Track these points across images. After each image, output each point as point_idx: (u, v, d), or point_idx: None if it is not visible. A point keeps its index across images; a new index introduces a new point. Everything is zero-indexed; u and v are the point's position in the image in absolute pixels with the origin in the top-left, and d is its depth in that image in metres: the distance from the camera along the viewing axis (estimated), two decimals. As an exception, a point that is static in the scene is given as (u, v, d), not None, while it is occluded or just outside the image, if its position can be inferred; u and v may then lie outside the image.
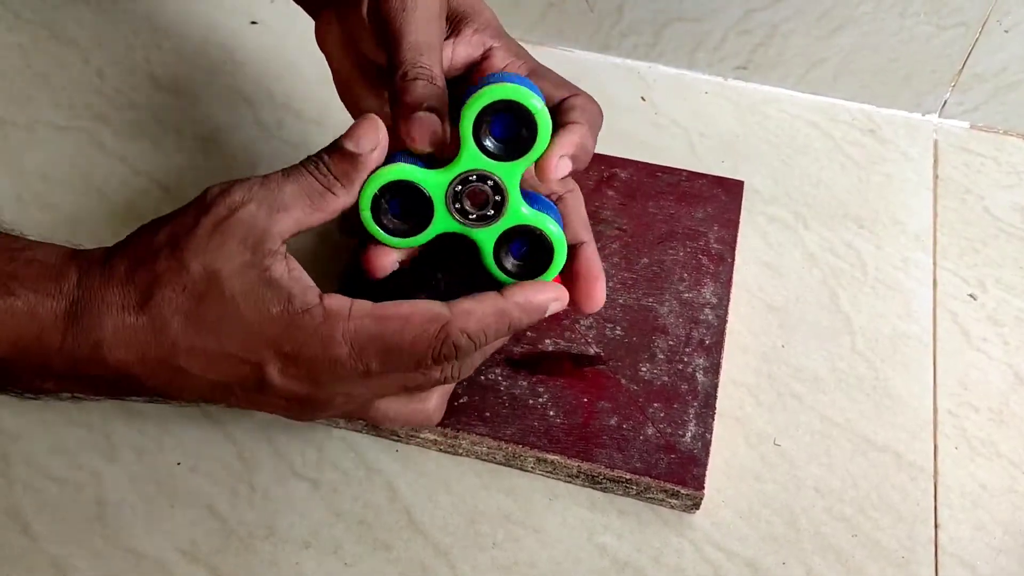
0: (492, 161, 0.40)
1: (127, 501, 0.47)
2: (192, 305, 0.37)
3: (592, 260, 0.43)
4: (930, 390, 0.52)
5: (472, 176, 0.40)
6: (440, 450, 0.49)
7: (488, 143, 0.40)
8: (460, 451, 0.49)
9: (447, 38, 0.45)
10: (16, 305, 0.37)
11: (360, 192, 0.39)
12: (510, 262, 0.42)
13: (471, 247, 0.42)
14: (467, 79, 0.46)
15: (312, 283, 0.38)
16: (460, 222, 0.41)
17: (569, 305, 0.42)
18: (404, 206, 0.41)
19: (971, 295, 0.56)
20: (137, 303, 0.37)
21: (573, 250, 0.43)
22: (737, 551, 0.46)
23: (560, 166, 0.40)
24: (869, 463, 0.49)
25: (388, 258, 0.42)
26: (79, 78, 0.66)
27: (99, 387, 0.40)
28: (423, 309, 0.37)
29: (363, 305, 0.38)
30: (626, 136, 0.63)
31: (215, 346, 0.37)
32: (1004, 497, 0.48)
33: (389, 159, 0.40)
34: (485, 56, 0.46)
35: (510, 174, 0.40)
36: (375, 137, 0.39)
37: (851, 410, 0.51)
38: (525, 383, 0.49)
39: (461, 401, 0.48)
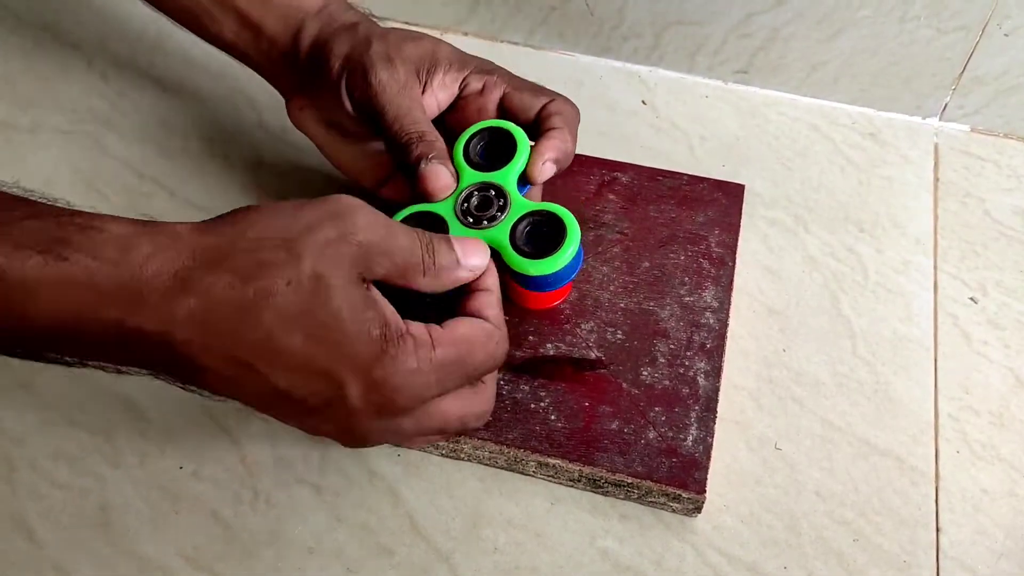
0: (487, 173, 0.47)
1: (131, 506, 0.48)
2: (293, 302, 0.36)
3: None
4: (931, 394, 0.52)
5: (474, 191, 0.46)
6: (442, 455, 0.49)
7: (479, 161, 0.48)
8: (462, 456, 0.49)
9: (423, 91, 0.49)
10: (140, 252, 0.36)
11: None
12: (527, 245, 0.45)
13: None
14: (457, 112, 0.50)
15: (393, 309, 0.39)
16: (475, 229, 0.45)
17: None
18: None
19: (972, 298, 0.56)
20: (238, 280, 0.36)
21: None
22: (738, 555, 0.46)
23: (544, 170, 0.47)
24: (870, 467, 0.49)
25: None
26: (82, 81, 0.66)
27: (147, 358, 0.38)
28: (480, 327, 0.40)
29: (439, 331, 0.39)
30: (627, 140, 0.63)
31: (302, 353, 0.36)
32: (1005, 501, 0.48)
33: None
34: (463, 87, 0.50)
35: (505, 178, 0.47)
36: (482, 263, 0.43)
37: (852, 414, 0.51)
38: (527, 387, 0.49)
39: (463, 406, 0.48)
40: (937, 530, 0.47)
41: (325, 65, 0.49)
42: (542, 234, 0.45)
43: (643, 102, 0.66)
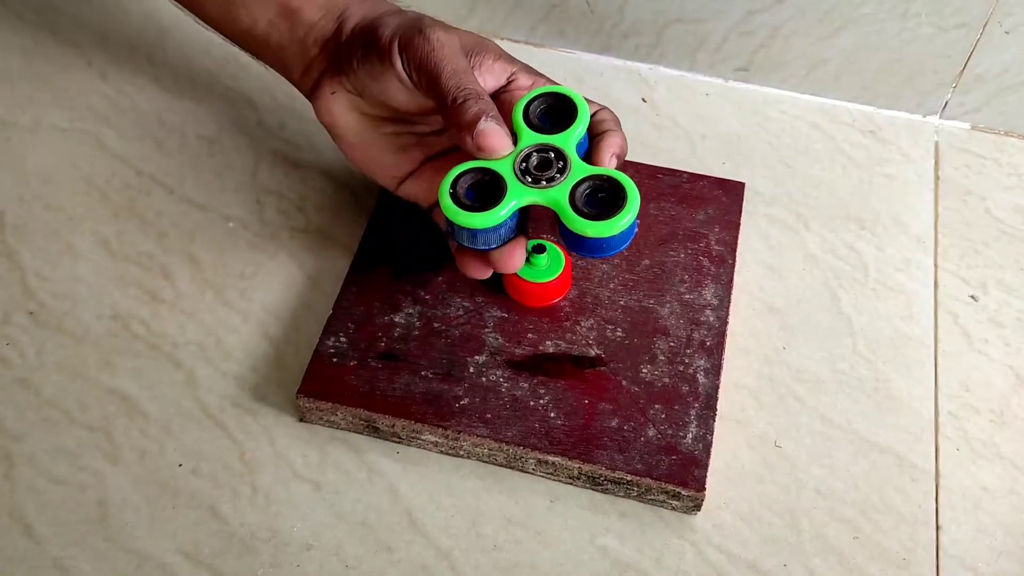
0: (546, 136, 0.46)
1: (129, 503, 0.48)
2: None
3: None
4: (931, 392, 0.52)
5: (534, 151, 0.46)
6: (441, 452, 0.49)
7: (539, 124, 0.47)
8: (461, 453, 0.49)
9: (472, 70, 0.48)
10: None
11: (440, 186, 0.45)
12: (586, 207, 0.45)
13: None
14: (500, 104, 0.49)
15: None
16: (534, 188, 0.45)
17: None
18: (478, 192, 0.45)
19: (972, 296, 0.56)
20: None
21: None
22: (738, 553, 0.46)
23: (612, 163, 0.47)
24: (870, 465, 0.49)
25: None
26: (81, 79, 0.66)
27: None
28: None
29: None
30: (627, 137, 0.63)
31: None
32: (1005, 499, 0.48)
33: None
34: (510, 80, 0.50)
35: (565, 142, 0.46)
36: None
37: (852, 412, 0.51)
38: (526, 385, 0.49)
39: (462, 403, 0.48)
40: (937, 528, 0.47)
41: (374, 34, 0.48)
42: (601, 198, 0.45)
43: (644, 100, 0.66)
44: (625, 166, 0.58)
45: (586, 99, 0.50)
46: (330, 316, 0.51)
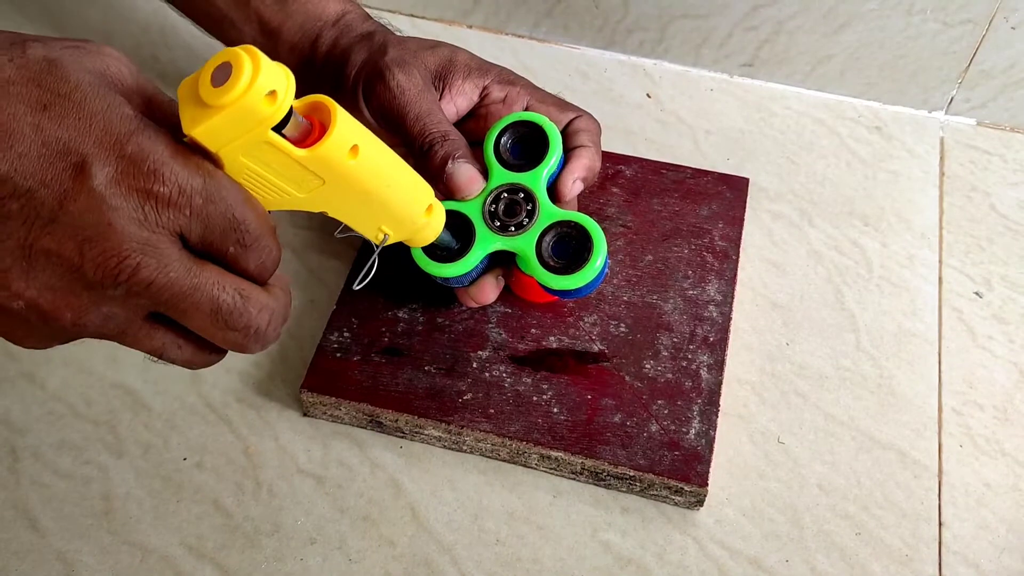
0: (517, 173, 0.46)
1: (133, 496, 0.48)
2: (14, 75, 0.30)
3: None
4: (935, 388, 0.51)
5: (503, 192, 0.46)
6: (444, 447, 0.49)
7: (510, 160, 0.47)
8: (464, 448, 0.49)
9: (441, 97, 0.49)
10: None
11: None
12: (552, 258, 0.45)
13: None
14: (477, 120, 0.50)
15: None
16: (502, 235, 0.45)
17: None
18: (449, 234, 0.44)
19: (977, 293, 0.55)
20: None
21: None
22: (740, 549, 0.46)
23: (575, 188, 0.47)
24: (873, 461, 0.49)
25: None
26: (87, 75, 0.66)
27: None
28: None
29: None
30: (631, 133, 0.63)
31: (29, 123, 0.29)
32: (1008, 495, 0.48)
33: None
34: (484, 95, 0.50)
35: (534, 181, 0.46)
36: None
37: (855, 408, 0.51)
38: (529, 380, 0.49)
39: (465, 398, 0.48)
40: (940, 524, 0.47)
41: (341, 73, 0.48)
42: (568, 247, 0.45)
43: (648, 95, 0.65)
44: (629, 162, 0.58)
45: (564, 103, 0.50)
46: (333, 311, 0.51)
